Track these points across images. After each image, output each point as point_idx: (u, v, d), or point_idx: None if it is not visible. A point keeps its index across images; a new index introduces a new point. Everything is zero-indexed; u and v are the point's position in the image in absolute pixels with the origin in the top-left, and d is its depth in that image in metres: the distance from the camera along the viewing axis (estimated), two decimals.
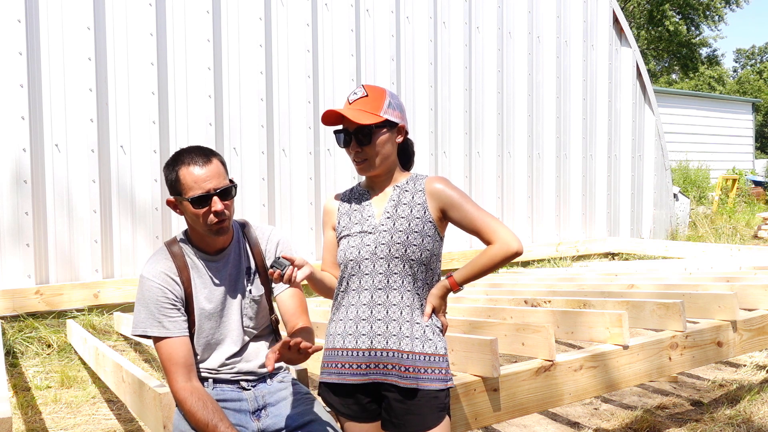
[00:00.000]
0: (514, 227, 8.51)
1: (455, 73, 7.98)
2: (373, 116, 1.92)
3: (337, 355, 1.95)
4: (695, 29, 32.07)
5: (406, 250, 1.92)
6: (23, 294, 5.35)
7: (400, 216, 1.96)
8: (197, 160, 1.94)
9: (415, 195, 1.98)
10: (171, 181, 1.96)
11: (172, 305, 1.98)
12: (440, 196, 1.96)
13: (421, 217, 1.95)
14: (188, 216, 1.97)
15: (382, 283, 1.92)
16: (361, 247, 1.96)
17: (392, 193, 2.01)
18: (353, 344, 1.92)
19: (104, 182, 5.83)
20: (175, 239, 2.08)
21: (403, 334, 1.89)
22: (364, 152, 1.95)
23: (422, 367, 1.88)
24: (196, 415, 1.89)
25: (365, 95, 1.96)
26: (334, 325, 2.00)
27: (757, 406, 3.61)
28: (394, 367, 1.88)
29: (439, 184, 1.97)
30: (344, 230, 2.03)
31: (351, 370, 1.92)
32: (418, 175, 2.05)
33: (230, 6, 6.43)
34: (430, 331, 1.93)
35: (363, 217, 2.00)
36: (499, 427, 3.48)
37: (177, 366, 1.94)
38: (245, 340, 2.08)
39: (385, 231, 1.95)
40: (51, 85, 5.58)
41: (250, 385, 2.07)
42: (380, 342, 1.90)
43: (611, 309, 3.52)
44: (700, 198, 15.89)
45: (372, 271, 1.93)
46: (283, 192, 6.78)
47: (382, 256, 1.93)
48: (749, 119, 21.51)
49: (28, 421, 3.68)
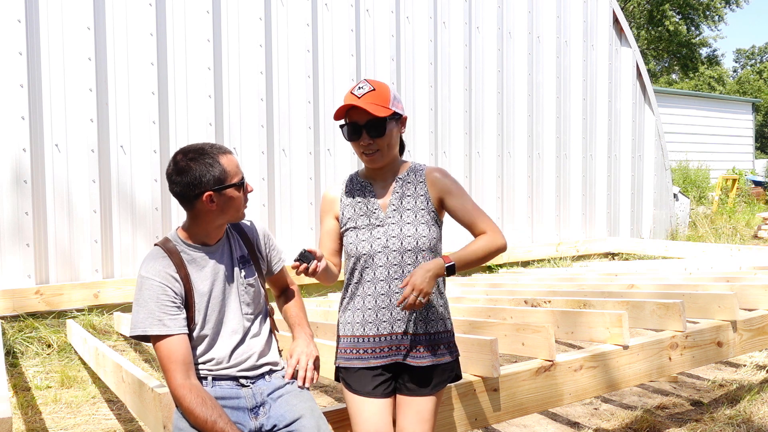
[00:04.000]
0: (514, 227, 8.52)
1: (455, 73, 7.98)
2: (385, 109, 2.02)
3: (358, 342, 2.08)
4: (695, 29, 32.08)
5: (417, 242, 2.05)
6: (23, 294, 5.35)
7: (405, 208, 2.07)
8: (222, 149, 2.03)
9: (417, 186, 2.10)
10: (214, 175, 1.97)
11: (173, 302, 1.99)
12: (439, 185, 2.09)
13: (425, 207, 2.08)
14: (224, 205, 2.01)
15: (398, 273, 2.05)
16: (372, 241, 2.07)
17: (395, 185, 2.11)
18: (374, 331, 2.07)
19: (104, 182, 5.83)
20: (167, 239, 2.09)
21: (417, 319, 2.06)
22: (376, 143, 2.03)
23: (437, 344, 2.08)
24: (194, 412, 1.89)
25: (373, 89, 2.03)
26: (351, 314, 2.12)
27: (757, 406, 3.61)
28: (414, 348, 2.05)
29: (438, 173, 2.10)
30: (350, 222, 2.12)
31: (374, 354, 2.06)
32: (417, 165, 2.15)
33: (230, 6, 6.43)
34: (443, 311, 2.12)
35: (369, 210, 2.10)
36: (499, 427, 3.48)
37: (176, 364, 1.95)
38: (246, 327, 2.11)
39: (394, 224, 2.06)
40: (51, 85, 5.58)
41: (249, 382, 2.08)
42: (400, 326, 2.05)
43: (611, 309, 3.53)
44: (700, 198, 15.89)
45: (386, 263, 2.05)
46: (283, 192, 6.78)
47: (395, 249, 2.05)
48: (749, 119, 21.51)
49: (28, 421, 3.68)
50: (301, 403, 2.06)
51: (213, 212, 2.02)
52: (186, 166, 1.97)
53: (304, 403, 2.07)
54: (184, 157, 1.99)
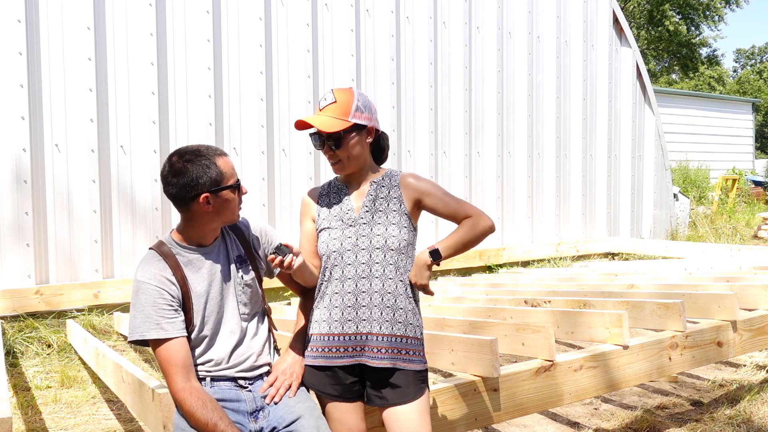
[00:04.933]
0: (514, 227, 8.52)
1: (455, 73, 7.98)
2: (341, 122, 2.06)
3: (324, 340, 2.09)
4: (695, 29, 32.08)
5: (386, 240, 2.07)
6: (23, 294, 5.35)
7: (378, 209, 2.12)
8: (217, 151, 2.03)
9: (391, 190, 2.14)
10: (210, 177, 1.97)
11: (170, 306, 1.98)
12: (414, 187, 2.13)
13: (397, 209, 2.12)
14: (220, 207, 2.00)
15: (365, 272, 2.07)
16: (343, 239, 2.10)
17: (369, 188, 2.15)
18: (339, 329, 2.07)
19: (104, 182, 5.83)
20: (161, 242, 2.08)
21: (383, 319, 2.06)
22: (336, 155, 2.10)
23: (400, 348, 2.06)
24: (195, 414, 1.89)
25: (334, 101, 2.08)
26: (319, 312, 2.13)
27: (757, 406, 3.61)
28: (378, 350, 2.05)
29: (411, 178, 2.15)
30: (324, 222, 2.17)
31: (338, 353, 2.07)
32: (392, 171, 2.20)
33: (230, 6, 6.43)
34: (411, 316, 2.11)
35: (342, 211, 2.15)
36: (499, 427, 3.48)
37: (176, 367, 1.94)
38: (243, 327, 2.11)
39: (365, 223, 2.10)
40: (51, 85, 5.58)
41: (248, 383, 2.08)
42: (365, 327, 2.05)
43: (611, 309, 3.52)
44: (700, 198, 15.89)
45: (354, 262, 2.08)
46: (283, 192, 6.78)
47: (364, 247, 2.08)
48: (749, 119, 21.51)
49: (28, 421, 3.68)
50: (299, 404, 2.06)
51: (208, 214, 2.01)
52: (182, 167, 1.96)
53: (302, 403, 2.07)
54: (180, 159, 1.97)
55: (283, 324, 3.99)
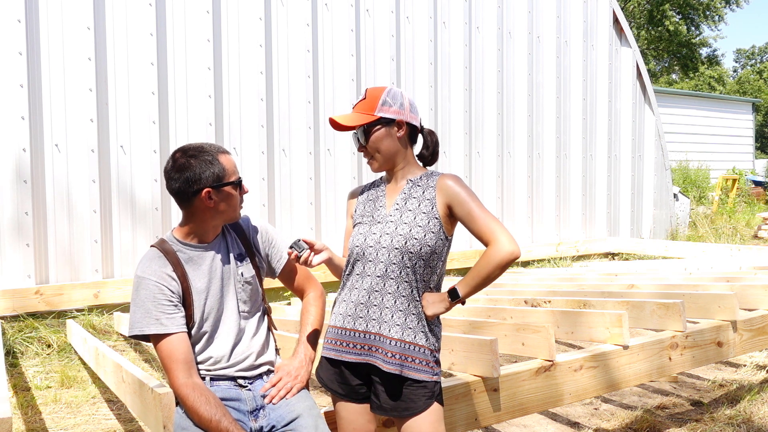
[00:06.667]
0: (514, 227, 8.51)
1: (455, 73, 7.98)
2: (365, 116, 2.04)
3: (338, 333, 2.07)
4: (695, 29, 32.08)
5: (406, 242, 1.98)
6: (23, 294, 5.35)
7: (407, 209, 2.04)
8: (220, 148, 2.05)
9: (426, 190, 2.05)
10: (213, 173, 1.99)
11: (170, 301, 1.98)
12: (448, 192, 2.00)
13: (427, 212, 2.01)
14: (221, 203, 2.02)
15: (381, 271, 2.00)
16: (368, 235, 2.05)
17: (405, 186, 2.08)
18: (351, 325, 2.04)
19: (104, 182, 5.83)
20: (162, 240, 2.09)
21: (393, 322, 1.98)
22: (366, 150, 2.08)
23: (408, 355, 1.97)
24: (199, 410, 1.89)
25: (363, 98, 2.08)
26: (338, 305, 2.11)
27: (757, 406, 3.61)
28: (382, 351, 1.98)
29: (449, 180, 2.02)
30: (358, 218, 2.15)
31: (348, 348, 2.04)
32: (434, 171, 2.11)
33: (230, 6, 6.43)
34: (421, 324, 2.00)
35: (375, 207, 2.11)
36: (499, 427, 3.48)
37: (177, 363, 1.95)
38: (242, 326, 2.11)
39: (391, 221, 2.04)
40: (51, 85, 5.58)
41: (248, 383, 2.08)
42: (374, 326, 2.00)
43: (611, 309, 3.52)
44: (700, 198, 15.88)
45: (375, 259, 2.02)
46: (283, 192, 6.78)
47: (385, 246, 2.01)
48: (749, 119, 21.50)
49: (28, 421, 3.68)
50: (299, 403, 2.06)
51: (210, 210, 2.02)
52: (186, 162, 1.98)
53: (302, 402, 2.07)
54: (184, 155, 1.99)
55: (283, 324, 3.99)
